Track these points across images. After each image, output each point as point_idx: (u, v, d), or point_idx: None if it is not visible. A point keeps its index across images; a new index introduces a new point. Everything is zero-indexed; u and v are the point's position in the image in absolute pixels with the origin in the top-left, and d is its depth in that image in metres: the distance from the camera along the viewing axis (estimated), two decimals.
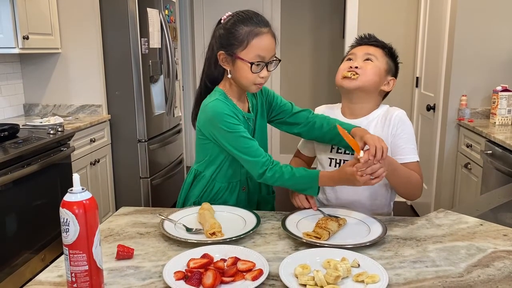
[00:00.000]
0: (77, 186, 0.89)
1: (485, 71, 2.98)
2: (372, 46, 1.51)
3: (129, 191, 3.43)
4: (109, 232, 1.27)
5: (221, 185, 1.50)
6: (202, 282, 0.95)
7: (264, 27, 1.36)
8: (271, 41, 1.37)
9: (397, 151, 1.45)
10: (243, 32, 1.34)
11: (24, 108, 3.43)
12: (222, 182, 1.50)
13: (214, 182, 1.50)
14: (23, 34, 2.77)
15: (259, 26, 1.35)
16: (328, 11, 5.05)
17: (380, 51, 1.51)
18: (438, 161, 3.24)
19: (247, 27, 1.34)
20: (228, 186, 1.51)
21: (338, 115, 1.57)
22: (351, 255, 1.07)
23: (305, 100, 5.24)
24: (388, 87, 1.52)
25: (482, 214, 1.40)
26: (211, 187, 1.50)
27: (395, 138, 1.46)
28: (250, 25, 1.34)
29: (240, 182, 1.52)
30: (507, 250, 1.13)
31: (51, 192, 2.60)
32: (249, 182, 1.54)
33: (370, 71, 1.47)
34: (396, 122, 1.46)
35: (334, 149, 1.54)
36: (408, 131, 1.46)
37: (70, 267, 0.89)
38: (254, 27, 1.34)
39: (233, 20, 1.37)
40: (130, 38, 3.24)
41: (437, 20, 3.30)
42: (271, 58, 1.37)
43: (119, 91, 3.36)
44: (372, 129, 1.46)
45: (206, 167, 1.50)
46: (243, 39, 1.34)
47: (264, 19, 1.38)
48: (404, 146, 1.45)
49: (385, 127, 1.47)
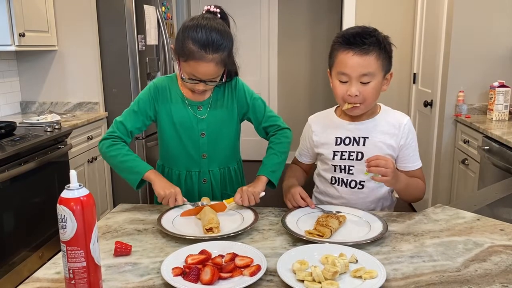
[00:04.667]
0: (74, 182, 0.89)
1: (482, 67, 2.99)
2: (363, 55, 1.31)
3: (127, 188, 3.39)
4: (107, 229, 1.27)
5: (174, 172, 1.56)
6: (200, 278, 0.95)
7: (211, 53, 1.33)
8: (210, 69, 1.35)
9: (406, 159, 1.46)
10: (189, 47, 1.33)
11: (20, 106, 3.42)
12: (173, 169, 1.56)
13: (166, 171, 1.57)
14: (19, 31, 2.76)
15: (205, 51, 1.32)
16: (325, 7, 5.05)
17: (373, 57, 1.32)
18: (436, 157, 3.25)
19: (193, 45, 1.33)
20: (185, 175, 1.55)
21: (334, 119, 1.50)
22: (349, 250, 1.07)
23: (302, 97, 5.24)
24: (387, 85, 1.43)
25: (479, 209, 1.41)
26: (169, 178, 1.52)
27: (404, 148, 1.45)
28: (197, 45, 1.32)
29: (199, 173, 1.55)
30: (504, 245, 1.14)
31: (49, 189, 2.59)
32: (211, 175, 1.56)
33: (371, 94, 1.35)
34: (406, 132, 1.44)
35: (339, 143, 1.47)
36: (415, 139, 1.47)
37: (68, 264, 0.89)
38: (199, 49, 1.32)
39: (188, 26, 1.36)
40: (127, 35, 3.23)
41: (434, 16, 3.30)
42: (209, 79, 1.39)
43: (116, 88, 3.35)
44: (379, 135, 1.43)
45: (160, 157, 1.62)
46: (186, 53, 1.34)
47: (215, 43, 1.32)
48: (412, 154, 1.46)
49: (394, 137, 1.44)
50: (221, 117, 1.53)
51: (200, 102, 1.51)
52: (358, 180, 1.46)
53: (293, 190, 1.41)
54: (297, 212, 1.35)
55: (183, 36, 1.35)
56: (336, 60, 1.38)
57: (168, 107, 1.50)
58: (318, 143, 1.51)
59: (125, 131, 1.49)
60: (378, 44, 1.34)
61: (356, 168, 1.45)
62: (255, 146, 3.62)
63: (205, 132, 1.52)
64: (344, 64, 1.34)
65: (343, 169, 1.47)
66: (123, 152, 1.44)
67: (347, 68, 1.33)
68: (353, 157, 1.45)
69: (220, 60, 1.35)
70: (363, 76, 1.33)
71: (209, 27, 1.34)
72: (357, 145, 1.44)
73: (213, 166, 1.56)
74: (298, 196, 1.39)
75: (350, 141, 1.45)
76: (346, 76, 1.34)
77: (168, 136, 1.53)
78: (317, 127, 1.53)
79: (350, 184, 1.47)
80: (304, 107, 5.17)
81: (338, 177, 1.49)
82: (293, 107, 5.21)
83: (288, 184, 1.49)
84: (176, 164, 1.56)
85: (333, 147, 1.47)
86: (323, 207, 1.38)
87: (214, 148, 1.54)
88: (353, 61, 1.32)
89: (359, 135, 1.45)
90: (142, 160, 1.46)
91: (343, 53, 1.35)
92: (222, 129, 1.54)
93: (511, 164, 2.22)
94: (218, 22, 1.38)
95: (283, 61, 5.22)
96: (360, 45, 1.32)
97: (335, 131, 1.48)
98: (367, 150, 1.43)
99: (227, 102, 1.54)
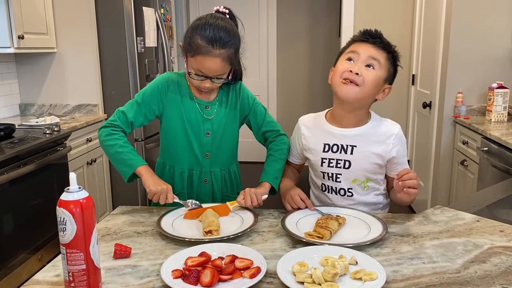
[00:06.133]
0: (73, 185, 0.89)
1: (480, 68, 2.99)
2: (376, 47, 1.37)
3: (126, 191, 3.42)
4: (106, 231, 1.27)
5: (177, 170, 1.55)
6: (200, 280, 0.95)
7: (218, 48, 1.35)
8: (217, 64, 1.37)
9: (396, 167, 1.45)
10: (196, 42, 1.36)
11: (19, 108, 3.42)
12: (175, 166, 1.55)
13: (167, 168, 1.55)
14: (18, 33, 2.76)
15: (213, 46, 1.34)
16: (324, 9, 5.05)
17: (384, 55, 1.38)
18: (435, 158, 3.25)
19: (201, 40, 1.35)
20: (187, 174, 1.54)
21: (323, 124, 1.48)
22: (349, 252, 1.07)
23: (301, 99, 5.24)
24: (383, 96, 1.42)
25: (478, 211, 1.41)
26: (171, 176, 1.54)
27: (396, 158, 1.44)
28: (204, 39, 1.35)
29: (200, 173, 1.55)
30: (504, 246, 1.14)
31: (48, 192, 2.59)
32: (212, 176, 1.56)
33: (370, 81, 1.36)
34: (396, 143, 1.43)
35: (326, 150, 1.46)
36: (405, 147, 1.47)
37: (68, 267, 0.89)
38: (206, 44, 1.34)
39: (197, 24, 1.38)
40: (126, 37, 3.23)
41: (433, 18, 3.30)
42: (215, 76, 1.40)
43: (115, 90, 3.35)
44: (368, 144, 1.42)
45: (161, 154, 1.60)
46: (194, 48, 1.36)
47: (223, 39, 1.35)
48: (402, 161, 1.46)
49: (384, 146, 1.42)
50: (226, 118, 1.54)
51: (208, 102, 1.52)
52: (347, 188, 1.46)
53: (292, 192, 1.41)
54: (296, 214, 1.35)
55: (191, 32, 1.38)
56: (349, 47, 1.42)
57: (179, 101, 1.50)
58: (307, 147, 1.51)
59: (125, 121, 1.47)
60: (389, 48, 1.40)
61: (343, 176, 1.44)
62: (254, 148, 3.63)
63: (209, 131, 1.52)
64: (358, 46, 1.39)
65: (330, 177, 1.46)
66: (119, 143, 1.43)
67: (359, 48, 1.38)
68: (341, 165, 1.44)
69: (226, 56, 1.37)
70: (371, 59, 1.36)
71: (217, 25, 1.36)
72: (345, 153, 1.43)
73: (214, 167, 1.56)
74: (297, 197, 1.39)
75: (338, 148, 1.44)
76: (356, 54, 1.38)
77: (174, 131, 1.52)
78: (306, 131, 1.52)
79: (339, 192, 1.47)
80: (303, 109, 5.17)
81: (328, 185, 1.48)
82: (292, 109, 5.21)
83: (285, 186, 1.49)
84: (178, 162, 1.55)
85: (321, 154, 1.46)
86: (322, 209, 1.38)
87: (217, 148, 1.55)
88: (367, 46, 1.38)
89: (347, 143, 1.43)
90: (137, 154, 1.45)
91: (358, 42, 1.41)
92: (226, 130, 1.55)
93: (510, 165, 2.23)
94: (227, 21, 1.40)
95: (282, 63, 5.22)
96: (378, 39, 1.39)
97: (323, 137, 1.47)
98: (355, 158, 1.42)
99: (231, 104, 1.55)
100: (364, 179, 1.45)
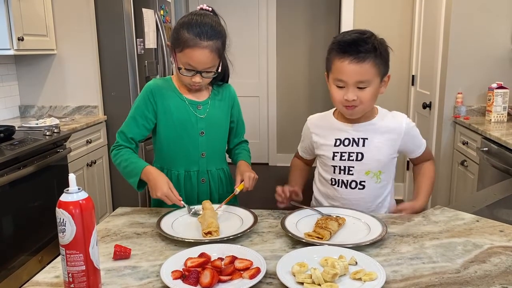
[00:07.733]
0: (73, 186, 0.89)
1: (480, 68, 2.99)
2: (359, 63, 1.32)
3: (126, 192, 3.41)
4: (106, 232, 1.27)
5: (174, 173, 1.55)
6: (199, 281, 0.95)
7: (206, 40, 1.37)
8: (205, 56, 1.39)
9: (413, 149, 1.54)
10: (183, 36, 1.39)
11: (19, 110, 3.42)
12: (172, 170, 1.56)
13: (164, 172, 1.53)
14: (18, 35, 2.76)
15: (200, 38, 1.37)
16: (324, 9, 5.06)
17: (370, 63, 1.33)
18: (435, 158, 3.25)
19: (188, 34, 1.38)
20: (184, 176, 1.56)
21: (332, 121, 1.51)
22: (349, 252, 1.07)
23: (301, 98, 5.24)
24: (385, 87, 1.43)
25: (478, 211, 1.41)
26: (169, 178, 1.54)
27: (409, 142, 1.50)
28: (191, 33, 1.38)
29: (198, 173, 1.56)
30: (504, 246, 1.14)
31: (48, 193, 2.59)
32: (209, 175, 1.58)
33: (367, 99, 1.37)
34: (407, 130, 1.48)
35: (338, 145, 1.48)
36: (415, 128, 1.52)
37: (67, 268, 0.89)
38: (194, 37, 1.37)
39: (183, 21, 1.42)
40: (125, 39, 3.23)
41: (432, 18, 3.30)
42: (205, 69, 1.42)
43: (115, 91, 3.35)
44: (378, 136, 1.45)
45: (156, 159, 1.61)
46: (181, 43, 1.39)
47: (209, 32, 1.38)
48: (417, 142, 1.54)
49: (395, 136, 1.46)
50: (219, 117, 1.57)
51: (199, 101, 1.53)
52: (359, 181, 1.47)
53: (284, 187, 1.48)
54: (296, 214, 1.35)
55: (178, 29, 1.41)
56: (332, 66, 1.39)
57: (167, 105, 1.51)
58: (318, 144, 1.52)
59: (126, 139, 1.51)
60: (374, 50, 1.34)
61: (356, 169, 1.46)
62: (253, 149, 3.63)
63: (204, 131, 1.53)
64: (341, 71, 1.35)
65: (342, 169, 1.47)
66: (124, 158, 1.48)
67: (343, 75, 1.35)
68: (353, 158, 1.46)
69: (215, 48, 1.39)
70: (360, 83, 1.35)
71: (202, 20, 1.40)
72: (357, 146, 1.46)
73: (211, 166, 1.58)
74: (279, 188, 1.46)
75: (350, 142, 1.46)
76: (343, 82, 1.36)
77: (167, 135, 1.53)
78: (316, 129, 1.54)
79: (350, 184, 1.47)
80: (303, 110, 5.17)
81: (338, 179, 1.49)
82: (292, 110, 5.21)
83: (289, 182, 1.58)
84: (174, 164, 1.56)
85: (333, 148, 1.48)
86: (322, 209, 1.38)
87: (212, 147, 1.57)
88: (349, 68, 1.33)
89: (358, 136, 1.46)
90: (138, 161, 1.47)
91: (339, 61, 1.36)
92: (220, 129, 1.59)
93: (510, 165, 2.23)
94: (211, 17, 1.44)
95: (281, 64, 5.22)
96: (356, 53, 1.32)
97: (334, 133, 1.49)
98: (367, 150, 1.45)
99: (224, 104, 1.58)
100: (377, 171, 1.47)
